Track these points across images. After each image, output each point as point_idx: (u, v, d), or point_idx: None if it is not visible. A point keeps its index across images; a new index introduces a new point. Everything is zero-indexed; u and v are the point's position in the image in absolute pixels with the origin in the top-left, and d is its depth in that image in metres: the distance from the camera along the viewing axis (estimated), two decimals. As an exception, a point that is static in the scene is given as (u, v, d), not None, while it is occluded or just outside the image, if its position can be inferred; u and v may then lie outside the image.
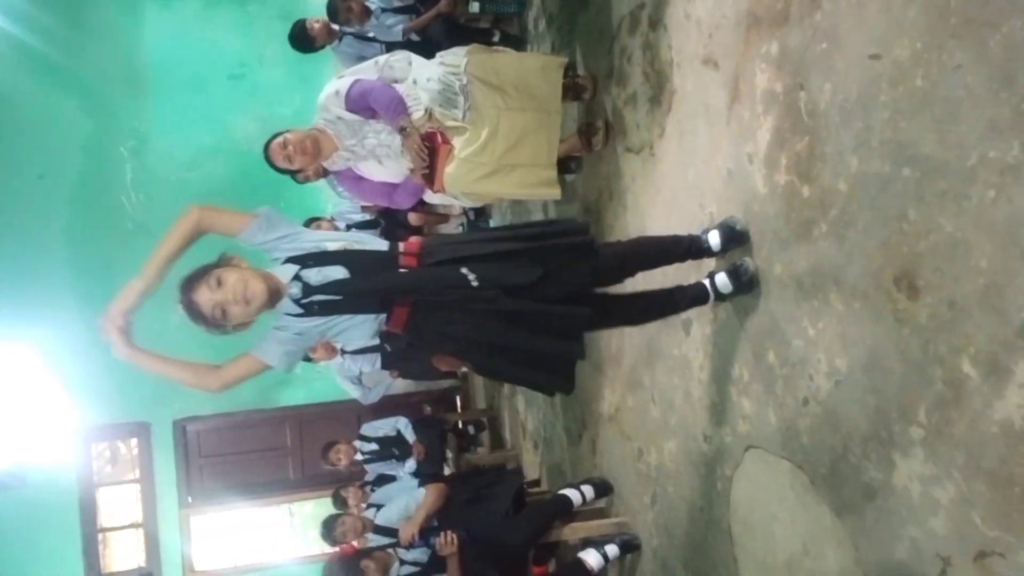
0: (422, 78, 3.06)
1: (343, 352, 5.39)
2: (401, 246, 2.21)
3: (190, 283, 2.08)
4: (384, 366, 5.50)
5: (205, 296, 2.06)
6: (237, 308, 2.06)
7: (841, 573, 2.04)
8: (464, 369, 6.20)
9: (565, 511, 3.68)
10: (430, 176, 3.17)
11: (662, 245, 2.56)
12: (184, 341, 2.34)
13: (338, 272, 2.13)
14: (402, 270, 2.17)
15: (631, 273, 2.52)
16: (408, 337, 2.35)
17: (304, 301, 2.12)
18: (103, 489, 6.98)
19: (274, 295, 2.11)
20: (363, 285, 2.14)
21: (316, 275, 2.13)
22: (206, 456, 6.94)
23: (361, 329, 2.25)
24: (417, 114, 3.06)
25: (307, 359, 5.38)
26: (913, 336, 1.71)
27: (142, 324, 2.17)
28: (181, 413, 6.83)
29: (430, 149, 3.12)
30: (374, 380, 5.63)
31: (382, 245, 2.22)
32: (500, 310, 2.17)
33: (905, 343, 1.73)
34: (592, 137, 3.34)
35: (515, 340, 2.22)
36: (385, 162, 3.26)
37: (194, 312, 2.08)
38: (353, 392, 5.63)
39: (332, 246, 2.15)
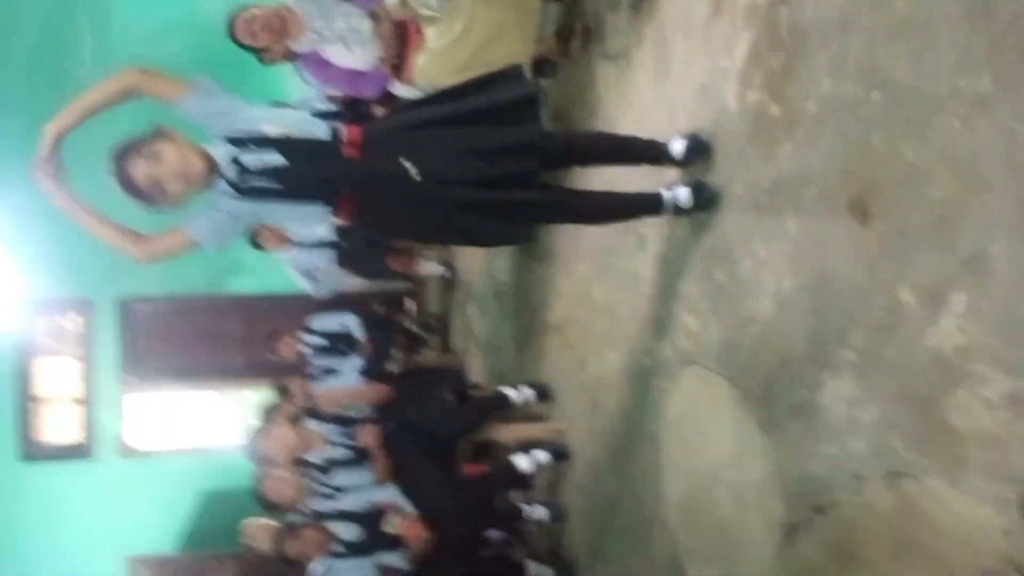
0: (400, -39, 2.93)
1: (297, 244, 5.31)
2: (344, 133, 2.14)
3: (125, 154, 2.03)
4: (340, 263, 5.45)
5: (141, 169, 2.01)
6: (175, 185, 2.02)
7: (761, 485, 2.13)
8: (420, 272, 6.18)
9: (502, 406, 3.75)
10: (399, 67, 3.07)
11: (620, 139, 2.54)
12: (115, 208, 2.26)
13: (276, 159, 2.08)
14: (343, 160, 2.12)
15: (582, 160, 2.48)
16: (358, 227, 2.33)
17: (242, 185, 2.08)
18: (41, 359, 6.89)
19: (211, 173, 2.07)
20: (302, 175, 2.10)
21: (254, 159, 2.07)
22: (152, 338, 6.85)
23: (304, 219, 2.21)
24: (387, 7, 2.94)
25: (258, 246, 5.30)
26: (860, 262, 1.74)
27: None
28: (128, 293, 6.71)
29: (401, 37, 3.01)
30: (327, 275, 5.57)
31: (324, 132, 2.15)
32: (445, 200, 2.16)
33: (852, 268, 1.76)
34: (569, 41, 3.25)
35: (464, 223, 2.22)
36: (353, 48, 3.15)
37: (128, 185, 2.03)
38: (305, 285, 5.57)
39: (272, 129, 2.09)
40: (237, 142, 2.09)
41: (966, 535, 1.49)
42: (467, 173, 2.14)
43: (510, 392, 3.78)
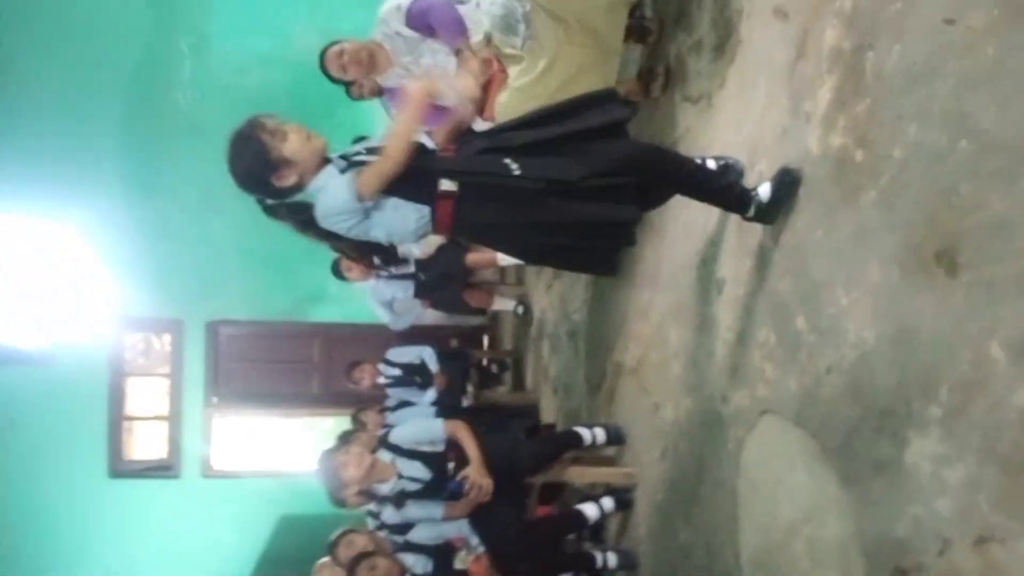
0: (485, 1, 3.01)
1: (378, 275, 5.45)
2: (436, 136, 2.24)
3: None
4: (416, 294, 5.56)
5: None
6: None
7: (839, 543, 2.05)
8: (494, 308, 6.24)
9: (574, 444, 3.73)
10: (482, 104, 3.14)
11: (709, 171, 2.50)
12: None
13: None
14: (439, 158, 2.20)
15: (667, 179, 2.43)
16: (454, 235, 2.37)
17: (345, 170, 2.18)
18: (133, 378, 7.22)
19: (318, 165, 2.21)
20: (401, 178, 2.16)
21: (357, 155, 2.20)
22: (235, 360, 7.10)
23: (401, 219, 2.26)
24: (476, 37, 3.03)
25: (341, 277, 5.46)
26: (946, 314, 1.68)
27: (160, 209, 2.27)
28: (215, 315, 7.00)
29: (486, 76, 3.08)
30: (405, 308, 5.69)
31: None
32: (545, 206, 2.17)
33: (937, 321, 1.70)
34: (651, 83, 3.27)
35: (561, 236, 2.25)
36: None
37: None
38: (383, 316, 5.71)
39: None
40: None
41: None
42: (568, 172, 2.15)
43: (583, 432, 3.76)
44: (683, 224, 3.04)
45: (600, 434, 3.76)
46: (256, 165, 2.19)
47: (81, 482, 6.65)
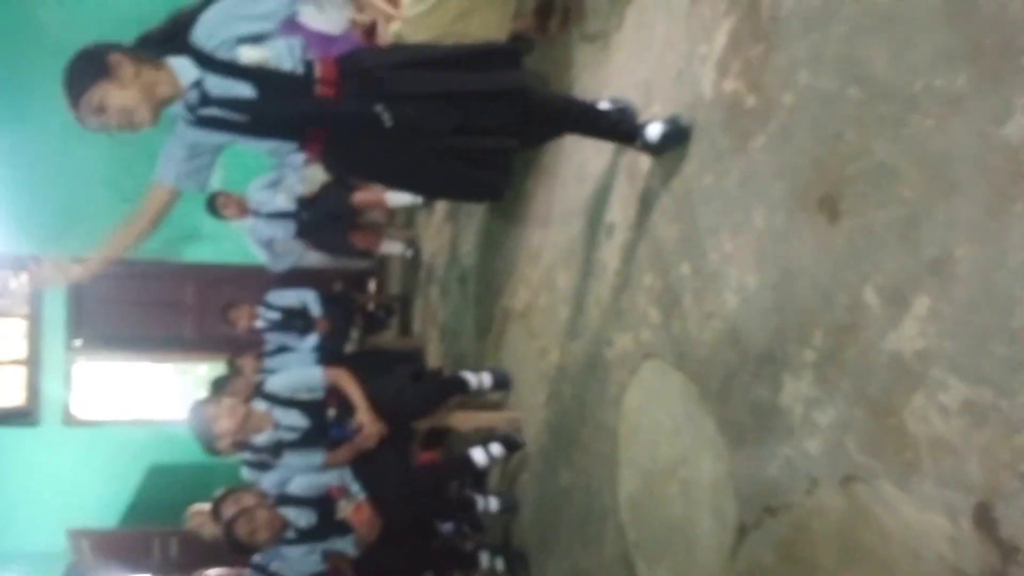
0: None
1: (256, 213, 5.18)
2: (318, 70, 2.04)
3: (72, 95, 1.93)
4: (298, 235, 5.32)
5: (88, 119, 1.95)
6: (126, 126, 1.96)
7: (713, 484, 2.10)
8: (382, 251, 6.07)
9: (460, 389, 3.70)
10: (371, 32, 2.98)
11: (597, 110, 2.49)
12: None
13: (244, 90, 1.97)
14: (317, 99, 2.03)
15: (555, 122, 2.42)
16: (324, 162, 2.24)
17: (201, 113, 1.98)
18: (-15, 318, 6.67)
19: (167, 103, 1.98)
20: (269, 110, 2.00)
21: (219, 85, 1.96)
22: (100, 301, 6.64)
23: (269, 150, 2.14)
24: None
25: (216, 214, 5.16)
26: (826, 259, 1.70)
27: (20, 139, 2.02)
28: (77, 252, 6.50)
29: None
30: (286, 248, 5.43)
31: (298, 63, 2.04)
32: (416, 147, 2.11)
33: (817, 266, 1.73)
34: (549, 19, 3.19)
35: (435, 173, 2.19)
36: (326, 9, 3.04)
37: (83, 125, 1.97)
38: (263, 257, 5.44)
39: (246, 54, 1.97)
40: (207, 62, 1.97)
41: (913, 541, 1.46)
42: (443, 123, 2.08)
43: (469, 377, 3.72)
44: (575, 167, 3.00)
45: (486, 379, 3.73)
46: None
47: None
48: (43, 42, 6.08)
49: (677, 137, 2.25)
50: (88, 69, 1.92)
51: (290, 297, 5.32)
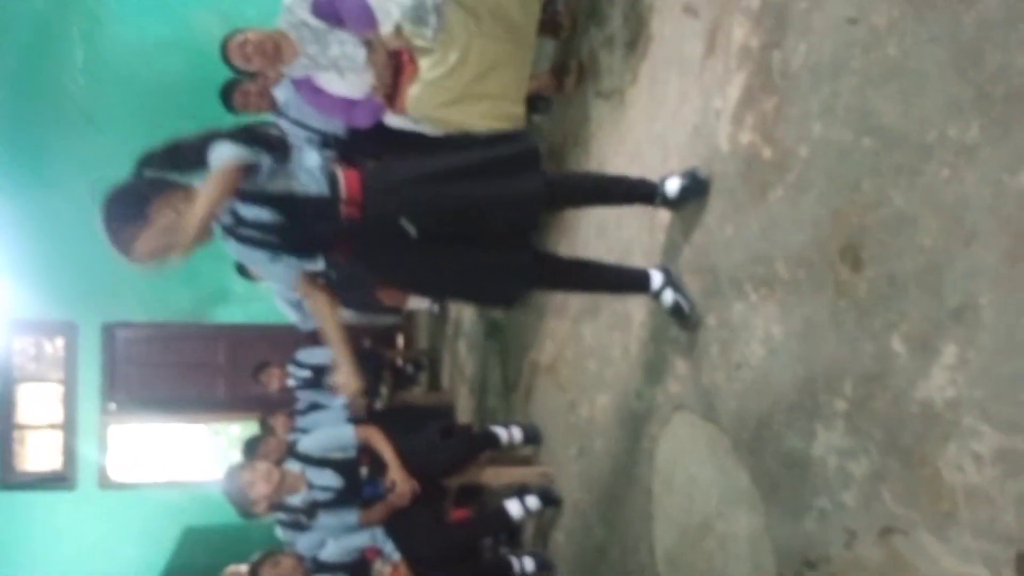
0: (396, -10, 2.93)
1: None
2: (343, 188, 2.14)
3: (112, 235, 2.07)
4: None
5: (138, 246, 2.07)
6: (172, 253, 2.08)
7: (751, 538, 2.07)
8: (409, 306, 6.13)
9: (491, 445, 3.69)
10: (392, 96, 3.06)
11: (611, 179, 2.58)
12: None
13: (273, 216, 2.10)
14: (343, 220, 2.13)
15: (575, 202, 2.55)
16: (349, 267, 2.35)
17: (237, 232, 2.12)
18: (23, 385, 6.79)
19: (200, 238, 2.10)
20: (300, 234, 2.13)
21: (248, 210, 2.10)
22: (133, 364, 6.76)
23: (283, 274, 2.29)
24: (385, 28, 2.94)
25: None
26: (850, 309, 1.70)
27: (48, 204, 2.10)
28: (111, 317, 6.64)
29: (395, 67, 3.00)
30: (315, 307, 5.51)
31: (323, 184, 2.15)
32: (440, 255, 2.21)
33: (841, 315, 1.73)
34: (564, 77, 3.25)
35: (458, 282, 2.31)
36: (347, 75, 3.14)
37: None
38: (292, 316, 5.51)
39: (273, 184, 2.10)
40: (237, 192, 2.10)
41: (957, 595, 1.43)
42: (465, 231, 2.18)
43: (499, 432, 3.72)
44: (596, 224, 3.03)
45: (517, 433, 3.72)
46: None
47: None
48: (67, 109, 6.31)
49: (696, 190, 2.28)
50: (129, 213, 2.05)
51: (320, 355, 5.37)
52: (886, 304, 1.60)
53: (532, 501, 3.47)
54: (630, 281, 2.48)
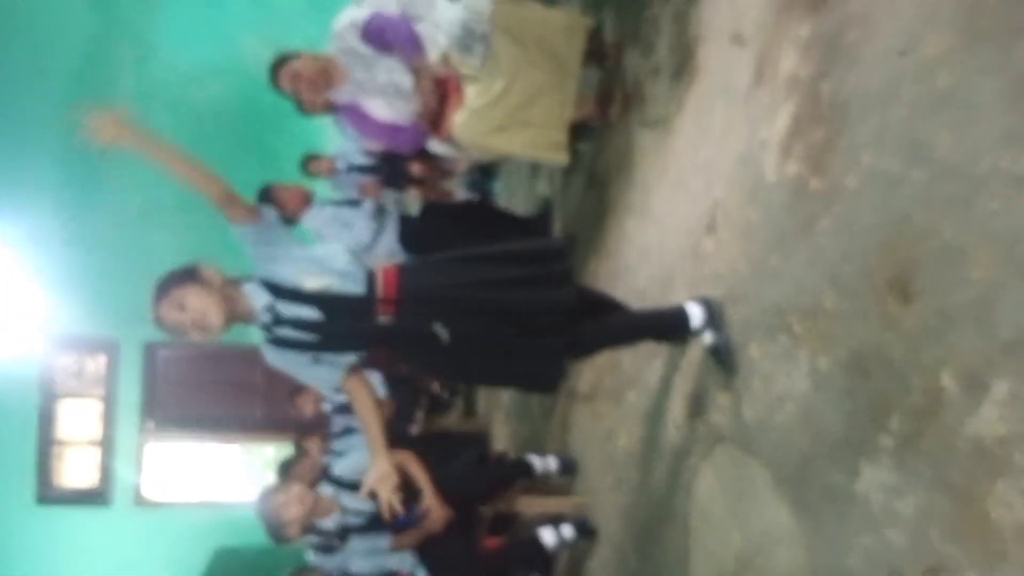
0: (444, 20, 2.99)
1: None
2: (380, 288, 2.20)
3: (159, 293, 2.16)
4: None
5: (167, 313, 2.15)
6: (195, 333, 2.15)
7: (789, 575, 2.02)
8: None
9: (525, 473, 3.66)
10: (437, 123, 3.11)
11: (641, 316, 2.66)
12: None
13: (311, 313, 2.16)
14: (378, 319, 2.19)
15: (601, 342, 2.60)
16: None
17: (275, 331, 2.19)
18: (64, 401, 6.93)
19: (238, 319, 2.19)
20: (335, 332, 2.19)
21: (288, 308, 2.17)
22: (173, 383, 6.88)
23: (326, 377, 2.34)
24: (433, 56, 2.99)
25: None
26: (898, 342, 1.67)
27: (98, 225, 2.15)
28: (153, 335, 6.74)
29: (441, 95, 3.05)
30: (353, 331, 5.57)
31: (360, 284, 2.20)
32: (475, 358, 2.30)
33: (889, 348, 1.70)
34: (609, 106, 3.28)
35: (493, 377, 2.51)
36: (393, 102, 3.20)
37: (159, 322, 2.18)
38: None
39: (311, 282, 2.17)
40: (274, 290, 2.17)
41: (1009, 638, 1.38)
42: (497, 339, 2.26)
43: (534, 461, 3.69)
44: (637, 248, 3.03)
45: (552, 462, 3.70)
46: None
47: (7, 508, 6.36)
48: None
49: (724, 357, 2.35)
50: (180, 274, 2.17)
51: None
52: (935, 338, 1.57)
53: (567, 530, 3.43)
54: (670, 326, 2.50)
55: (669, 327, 2.51)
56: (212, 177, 2.20)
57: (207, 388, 6.92)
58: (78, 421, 7.20)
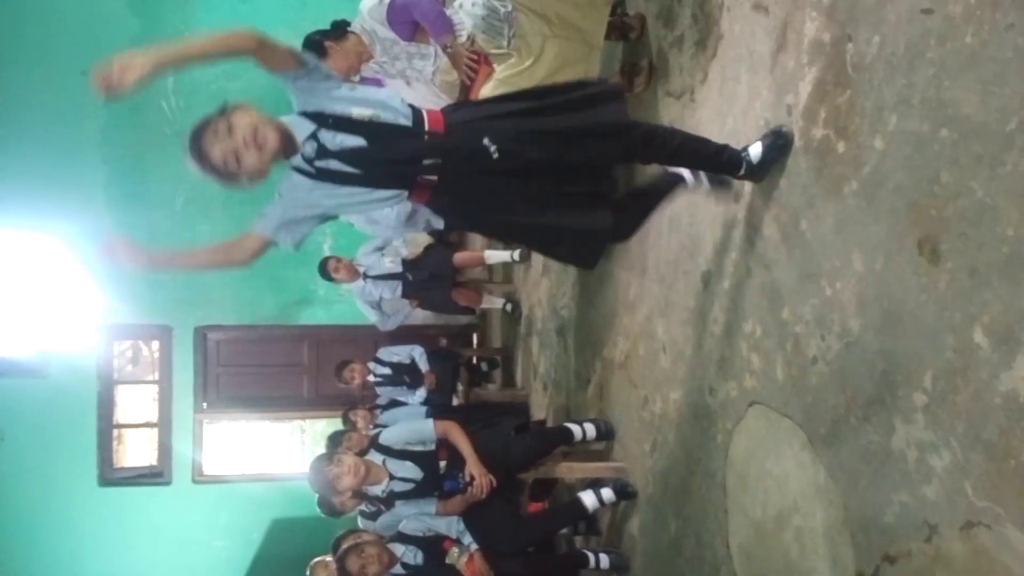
0: (467, 2, 3.01)
1: (365, 276, 5.44)
2: (427, 122, 2.12)
3: (199, 132, 1.99)
4: (404, 295, 5.55)
5: (215, 145, 1.96)
6: (249, 154, 1.97)
7: (827, 532, 2.06)
8: (483, 306, 6.24)
9: (565, 440, 3.74)
10: (467, 93, 3.14)
11: (698, 138, 2.45)
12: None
13: (356, 140, 2.06)
14: (424, 141, 2.10)
15: (658, 153, 2.40)
16: (431, 207, 2.32)
17: (318, 164, 2.06)
18: (122, 387, 7.18)
19: (287, 144, 2.03)
20: (380, 157, 2.07)
21: (333, 139, 2.06)
22: (224, 365, 7.09)
23: (379, 206, 2.21)
24: (460, 39, 3.02)
25: (328, 278, 5.44)
26: (930, 301, 1.69)
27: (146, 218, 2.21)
28: (203, 320, 6.97)
29: (475, 71, 3.08)
30: (393, 308, 5.68)
31: (407, 118, 2.12)
32: (523, 190, 2.16)
33: (921, 308, 1.71)
34: (634, 78, 3.28)
35: (539, 218, 2.22)
36: (414, 85, 3.24)
37: (205, 163, 1.99)
38: (372, 317, 5.69)
39: (358, 111, 2.06)
40: (319, 119, 2.05)
41: (1045, 590, 1.41)
42: (547, 153, 2.13)
43: (573, 428, 3.76)
44: (668, 218, 3.05)
45: (590, 429, 3.76)
46: (212, 175, 2.03)
47: (72, 491, 6.64)
48: (161, 128, 6.68)
49: (780, 148, 2.23)
50: (221, 107, 2.04)
51: (399, 353, 5.54)
52: (967, 296, 1.59)
53: (607, 493, 3.50)
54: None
55: (728, 155, 2.35)
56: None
57: (257, 368, 7.12)
58: (136, 405, 7.46)
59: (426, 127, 2.11)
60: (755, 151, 2.30)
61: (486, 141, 2.08)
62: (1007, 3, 1.49)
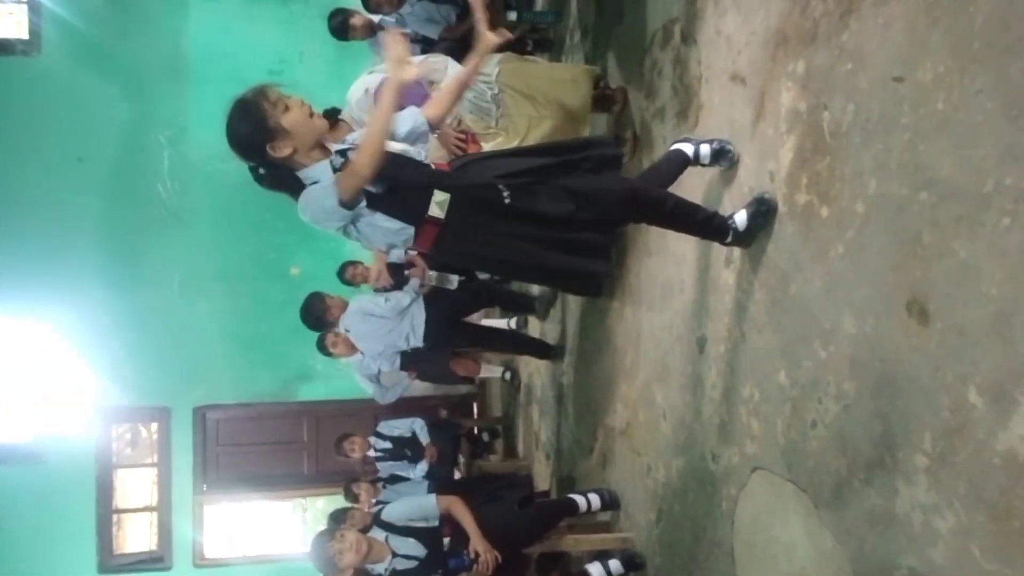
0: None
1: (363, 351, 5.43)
2: (433, 166, 2.25)
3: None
4: (403, 367, 5.52)
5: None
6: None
7: (839, 599, 2.02)
8: (482, 375, 6.22)
9: (570, 512, 3.68)
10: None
11: (691, 205, 2.50)
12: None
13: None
14: (434, 171, 2.20)
15: (652, 216, 2.48)
16: (435, 255, 2.39)
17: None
18: (121, 471, 7.09)
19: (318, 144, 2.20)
20: (400, 183, 2.15)
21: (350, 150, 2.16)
22: (224, 444, 7.02)
23: (383, 234, 2.25)
24: (446, 121, 3.09)
25: (327, 354, 5.43)
26: (922, 362, 1.69)
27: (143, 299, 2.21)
28: (202, 400, 6.93)
29: (463, 150, 3.15)
30: (392, 380, 5.64)
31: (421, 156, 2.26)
32: (529, 234, 2.22)
33: (914, 369, 1.72)
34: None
35: (541, 260, 2.28)
36: (420, 151, 3.30)
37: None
38: (371, 390, 5.65)
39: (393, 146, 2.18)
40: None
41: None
42: (557, 208, 2.20)
43: (578, 499, 3.71)
44: (660, 286, 3.07)
45: (595, 499, 3.71)
46: (254, 131, 2.15)
47: (71, 580, 6.49)
48: (157, 210, 6.78)
49: (764, 214, 2.28)
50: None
51: (400, 426, 5.50)
52: (958, 356, 1.59)
53: (615, 565, 3.43)
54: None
55: (716, 222, 2.42)
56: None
57: (257, 447, 7.06)
58: (135, 489, 7.35)
59: (433, 167, 2.24)
60: (740, 219, 2.34)
61: (500, 185, 2.17)
62: (975, 69, 1.55)
